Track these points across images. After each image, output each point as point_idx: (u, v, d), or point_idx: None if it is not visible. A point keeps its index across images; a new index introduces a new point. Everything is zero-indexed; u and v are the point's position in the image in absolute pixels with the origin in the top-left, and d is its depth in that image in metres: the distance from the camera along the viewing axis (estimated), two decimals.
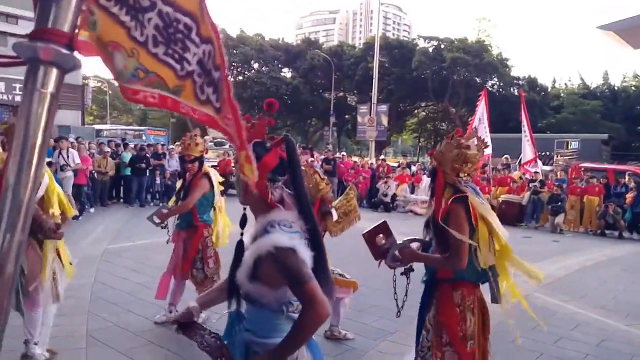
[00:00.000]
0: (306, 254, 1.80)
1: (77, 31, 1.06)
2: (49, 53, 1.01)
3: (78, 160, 12.14)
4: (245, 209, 1.98)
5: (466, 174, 3.08)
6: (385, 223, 3.36)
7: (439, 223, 3.00)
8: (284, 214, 1.89)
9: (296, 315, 1.88)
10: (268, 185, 1.92)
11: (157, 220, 5.16)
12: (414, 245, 3.24)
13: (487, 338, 3.15)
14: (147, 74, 1.16)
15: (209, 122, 1.25)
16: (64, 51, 1.02)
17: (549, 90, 43.01)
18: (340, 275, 4.82)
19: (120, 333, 4.86)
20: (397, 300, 3.32)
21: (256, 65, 45.59)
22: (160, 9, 1.16)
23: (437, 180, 3.14)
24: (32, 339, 4.05)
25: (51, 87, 1.02)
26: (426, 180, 16.11)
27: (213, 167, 5.45)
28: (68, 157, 11.94)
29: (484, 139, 3.29)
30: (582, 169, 16.51)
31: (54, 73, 1.02)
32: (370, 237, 3.28)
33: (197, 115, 1.23)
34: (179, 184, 5.65)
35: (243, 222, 1.98)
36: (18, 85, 19.51)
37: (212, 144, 23.20)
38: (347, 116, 45.22)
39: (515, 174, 16.63)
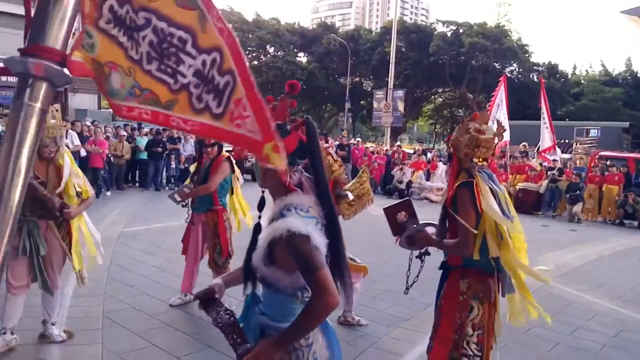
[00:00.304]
0: (320, 241, 1.78)
1: (70, 51, 1.13)
2: (40, 69, 1.04)
3: (77, 142, 12.12)
4: (263, 192, 1.96)
5: (480, 159, 3.03)
6: (409, 201, 3.33)
7: (447, 208, 3.00)
8: (301, 198, 1.87)
9: None
10: (286, 169, 1.88)
11: (178, 199, 5.21)
12: (430, 230, 3.19)
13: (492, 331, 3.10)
14: (142, 91, 1.22)
15: (202, 131, 1.28)
16: (56, 67, 1.06)
17: (569, 77, 42.33)
18: (351, 259, 4.80)
19: (136, 314, 4.91)
20: (408, 277, 3.31)
21: (271, 50, 45.42)
22: (155, 24, 1.19)
23: (451, 165, 3.12)
24: (49, 319, 4.11)
25: (40, 102, 1.05)
26: (442, 167, 16.01)
27: (227, 151, 5.43)
28: (67, 137, 11.97)
29: (502, 124, 3.23)
30: (597, 157, 16.23)
31: (44, 88, 1.06)
32: (390, 213, 3.23)
33: (189, 126, 1.26)
34: (192, 168, 5.66)
35: (261, 205, 1.96)
36: None
37: None
38: (362, 102, 44.96)
39: (534, 162, 16.42)
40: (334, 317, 4.87)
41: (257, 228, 1.94)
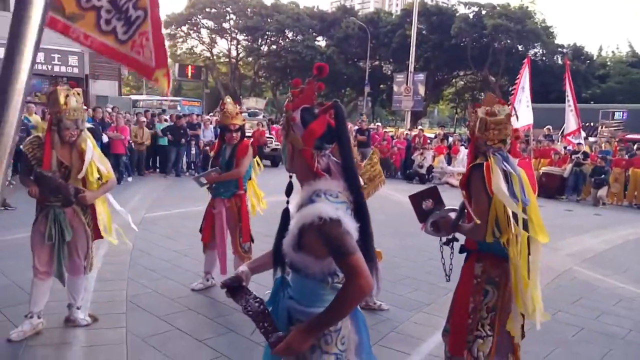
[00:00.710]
0: (351, 225, 1.75)
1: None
2: None
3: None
4: (291, 177, 1.95)
5: (495, 141, 2.98)
6: (435, 188, 3.30)
7: (461, 190, 3.03)
8: (330, 183, 1.85)
9: (340, 286, 1.86)
10: (314, 153, 1.87)
11: (204, 181, 5.21)
12: (453, 215, 3.16)
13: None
14: None
15: (101, 50, 1.48)
16: None
17: (595, 59, 41.35)
18: None
19: (159, 298, 4.96)
20: (443, 264, 3.30)
21: (290, 34, 45.20)
22: None
23: (468, 149, 3.13)
24: (75, 303, 4.17)
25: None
26: (463, 151, 15.85)
27: (247, 137, 5.43)
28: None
29: (514, 107, 3.22)
30: (619, 140, 15.87)
31: None
32: (416, 200, 3.21)
33: (89, 42, 1.42)
34: (212, 153, 5.63)
35: (289, 190, 1.94)
36: (56, 56, 19.82)
37: (246, 114, 23.26)
38: (381, 86, 44.62)
39: (559, 145, 16.15)
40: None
41: (286, 213, 1.93)
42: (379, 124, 23.49)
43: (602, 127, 20.62)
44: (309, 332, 1.78)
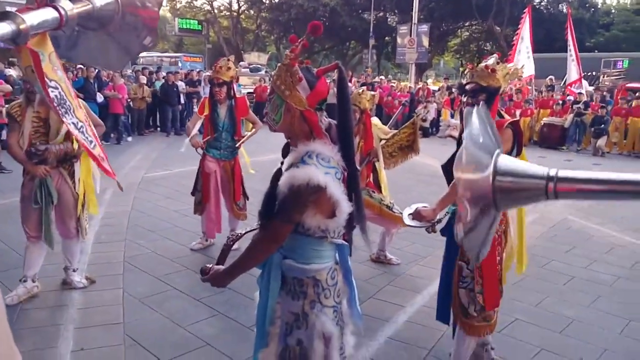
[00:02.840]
0: (337, 192, 1.81)
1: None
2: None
3: None
4: (289, 138, 1.97)
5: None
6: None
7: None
8: (324, 147, 1.86)
9: (339, 241, 1.95)
10: (318, 114, 1.89)
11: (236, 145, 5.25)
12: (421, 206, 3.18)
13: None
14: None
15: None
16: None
17: (599, 7, 40.35)
18: (389, 207, 4.80)
19: (157, 259, 4.99)
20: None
21: None
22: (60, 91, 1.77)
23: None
24: (70, 265, 4.21)
25: None
26: None
27: (249, 93, 5.37)
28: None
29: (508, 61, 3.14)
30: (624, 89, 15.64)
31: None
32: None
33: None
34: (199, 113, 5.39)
35: (285, 152, 1.97)
36: None
37: (248, 69, 22.93)
38: (387, 38, 43.65)
39: (559, 95, 15.95)
40: (365, 256, 5.03)
41: (278, 174, 1.93)
42: (382, 77, 23.05)
43: (603, 76, 20.24)
44: (228, 273, 2.00)
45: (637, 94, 14.95)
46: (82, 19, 2.14)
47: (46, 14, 1.85)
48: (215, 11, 45.92)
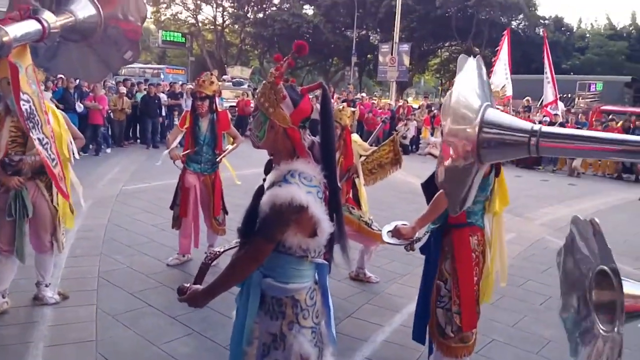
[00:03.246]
0: (318, 211, 1.81)
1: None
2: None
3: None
4: (272, 155, 1.96)
5: None
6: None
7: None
8: (306, 166, 1.86)
9: (319, 260, 1.94)
10: (301, 132, 1.89)
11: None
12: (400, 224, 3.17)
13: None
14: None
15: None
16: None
17: (575, 31, 41.64)
18: (368, 224, 4.79)
19: (132, 275, 4.91)
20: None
21: (276, 1, 44.28)
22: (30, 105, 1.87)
23: None
24: (43, 280, 4.11)
25: None
26: None
27: (231, 107, 5.37)
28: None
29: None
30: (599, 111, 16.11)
31: None
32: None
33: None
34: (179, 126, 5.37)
35: (268, 169, 1.97)
36: None
37: (230, 83, 22.91)
38: (369, 55, 44.09)
39: (537, 116, 16.26)
40: (345, 273, 4.98)
41: (260, 191, 1.92)
42: (364, 94, 23.19)
43: (578, 99, 20.74)
44: (206, 293, 1.96)
45: (610, 117, 15.34)
46: (64, 31, 2.12)
47: (29, 26, 1.81)
48: (200, 24, 45.94)
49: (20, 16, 1.41)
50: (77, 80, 12.35)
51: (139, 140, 14.96)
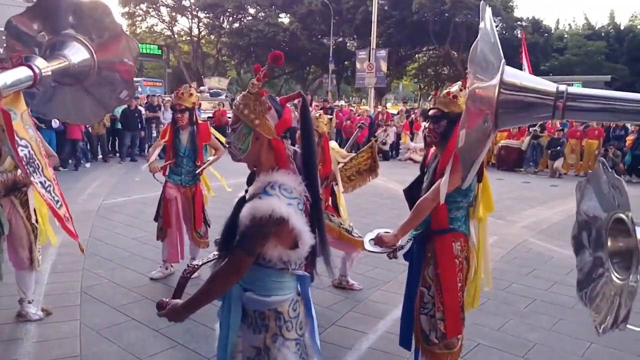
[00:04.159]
0: (299, 223, 1.79)
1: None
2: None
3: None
4: (255, 167, 1.94)
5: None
6: None
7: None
8: (287, 177, 1.83)
9: (300, 272, 1.92)
10: (284, 143, 1.89)
11: (197, 170, 5.20)
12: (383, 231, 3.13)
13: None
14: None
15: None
16: None
17: (553, 32, 42.12)
18: (348, 231, 4.81)
19: (115, 289, 4.89)
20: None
21: (252, 11, 44.32)
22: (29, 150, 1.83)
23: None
24: (25, 297, 4.08)
25: None
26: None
27: (209, 118, 5.39)
28: None
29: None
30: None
31: None
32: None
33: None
34: (160, 138, 5.46)
35: (250, 181, 1.95)
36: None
37: (208, 94, 22.88)
38: (346, 62, 44.28)
39: None
40: (327, 281, 4.95)
41: (241, 203, 1.90)
42: (342, 102, 23.33)
43: None
44: (185, 308, 1.94)
45: None
46: (58, 76, 2.12)
47: (20, 73, 1.81)
48: (176, 36, 45.78)
49: (12, 64, 1.45)
50: None
51: (117, 154, 14.86)
